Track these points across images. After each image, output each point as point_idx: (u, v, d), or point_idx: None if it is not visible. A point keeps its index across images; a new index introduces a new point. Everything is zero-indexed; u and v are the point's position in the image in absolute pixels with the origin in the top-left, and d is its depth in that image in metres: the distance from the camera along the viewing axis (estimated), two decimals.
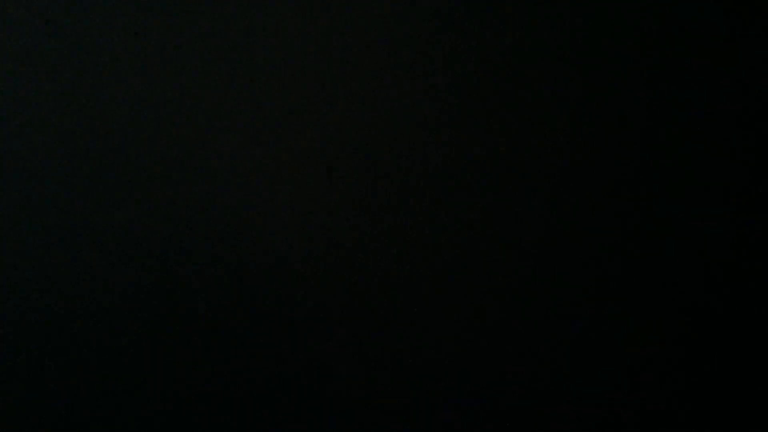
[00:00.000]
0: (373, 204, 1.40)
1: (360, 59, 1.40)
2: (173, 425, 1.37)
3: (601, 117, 1.43)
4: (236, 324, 1.38)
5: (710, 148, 1.43)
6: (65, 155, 1.36)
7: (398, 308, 1.40)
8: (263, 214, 1.39)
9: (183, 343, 1.38)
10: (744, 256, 1.43)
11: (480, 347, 1.41)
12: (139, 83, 1.38)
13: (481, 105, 1.42)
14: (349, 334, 1.40)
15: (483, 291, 1.41)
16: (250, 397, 1.38)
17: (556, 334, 1.42)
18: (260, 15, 1.39)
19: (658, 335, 1.42)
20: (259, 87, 1.39)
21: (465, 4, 1.42)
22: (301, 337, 1.39)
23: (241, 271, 1.38)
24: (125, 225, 1.37)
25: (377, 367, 1.40)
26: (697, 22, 1.44)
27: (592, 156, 1.42)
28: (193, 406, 1.38)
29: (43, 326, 1.36)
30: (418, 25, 1.41)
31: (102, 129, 1.37)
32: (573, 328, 1.42)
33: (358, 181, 1.40)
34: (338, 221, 1.40)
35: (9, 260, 1.36)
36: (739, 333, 1.43)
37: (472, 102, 1.41)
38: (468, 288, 1.41)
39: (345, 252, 1.40)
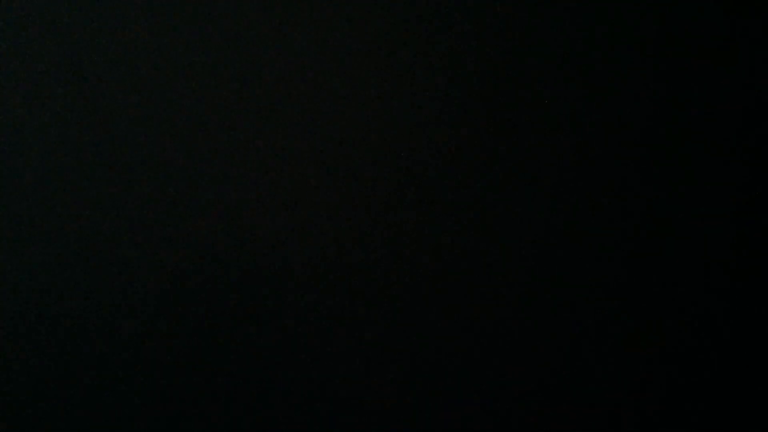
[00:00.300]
0: (374, 204, 1.40)
1: (360, 59, 1.40)
2: (173, 425, 1.37)
3: (601, 117, 1.43)
4: (236, 324, 1.38)
5: (710, 148, 1.43)
6: (66, 157, 1.36)
7: (398, 308, 1.40)
8: (263, 215, 1.39)
9: (183, 343, 1.38)
10: (744, 256, 1.43)
11: (480, 347, 1.41)
12: (141, 84, 1.38)
13: (482, 105, 1.42)
14: (348, 334, 1.40)
15: (483, 291, 1.41)
16: (250, 397, 1.38)
17: (556, 334, 1.42)
18: (260, 15, 1.39)
19: (658, 335, 1.42)
20: (258, 87, 1.39)
21: (467, 4, 1.42)
22: (301, 337, 1.39)
23: (241, 271, 1.38)
24: (125, 226, 1.37)
25: (377, 367, 1.40)
26: (697, 22, 1.44)
27: (592, 156, 1.42)
28: (193, 406, 1.38)
29: (43, 326, 1.36)
30: (418, 25, 1.41)
31: (103, 130, 1.37)
32: (573, 329, 1.42)
33: (359, 181, 1.40)
34: (339, 221, 1.40)
35: (9, 260, 1.36)
36: (739, 333, 1.43)
37: (473, 102, 1.42)
38: (468, 288, 1.41)
39: (345, 252, 1.40)
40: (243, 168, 1.38)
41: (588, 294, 1.42)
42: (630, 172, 1.42)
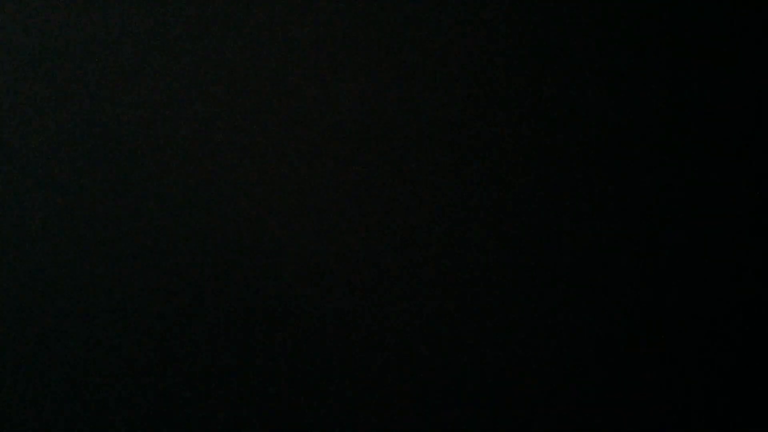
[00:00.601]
0: (374, 204, 1.40)
1: (362, 58, 1.40)
2: (173, 425, 1.38)
3: (602, 118, 1.43)
4: (236, 324, 1.38)
5: (710, 148, 1.43)
6: (67, 157, 1.37)
7: (398, 308, 1.40)
8: (263, 214, 1.39)
9: (182, 343, 1.38)
10: (744, 257, 1.43)
11: (481, 347, 1.41)
12: (145, 84, 1.38)
13: (483, 105, 1.42)
14: (348, 335, 1.40)
15: (485, 291, 1.41)
16: (250, 397, 1.39)
17: (556, 334, 1.42)
18: (260, 14, 1.40)
19: (658, 335, 1.42)
20: (258, 87, 1.39)
21: (472, 5, 1.42)
22: (300, 337, 1.39)
23: (241, 270, 1.38)
24: (125, 224, 1.37)
25: (378, 367, 1.40)
26: (697, 22, 1.44)
27: (592, 156, 1.43)
28: (192, 406, 1.38)
29: (42, 326, 1.36)
30: (421, 25, 1.41)
31: (105, 130, 1.38)
32: (573, 329, 1.42)
33: (359, 181, 1.40)
34: (339, 220, 1.40)
35: (9, 260, 1.36)
36: (739, 333, 1.43)
37: (475, 102, 1.42)
38: (469, 288, 1.41)
39: (345, 251, 1.40)
40: (244, 168, 1.39)
41: (588, 294, 1.42)
42: (630, 172, 1.42)
